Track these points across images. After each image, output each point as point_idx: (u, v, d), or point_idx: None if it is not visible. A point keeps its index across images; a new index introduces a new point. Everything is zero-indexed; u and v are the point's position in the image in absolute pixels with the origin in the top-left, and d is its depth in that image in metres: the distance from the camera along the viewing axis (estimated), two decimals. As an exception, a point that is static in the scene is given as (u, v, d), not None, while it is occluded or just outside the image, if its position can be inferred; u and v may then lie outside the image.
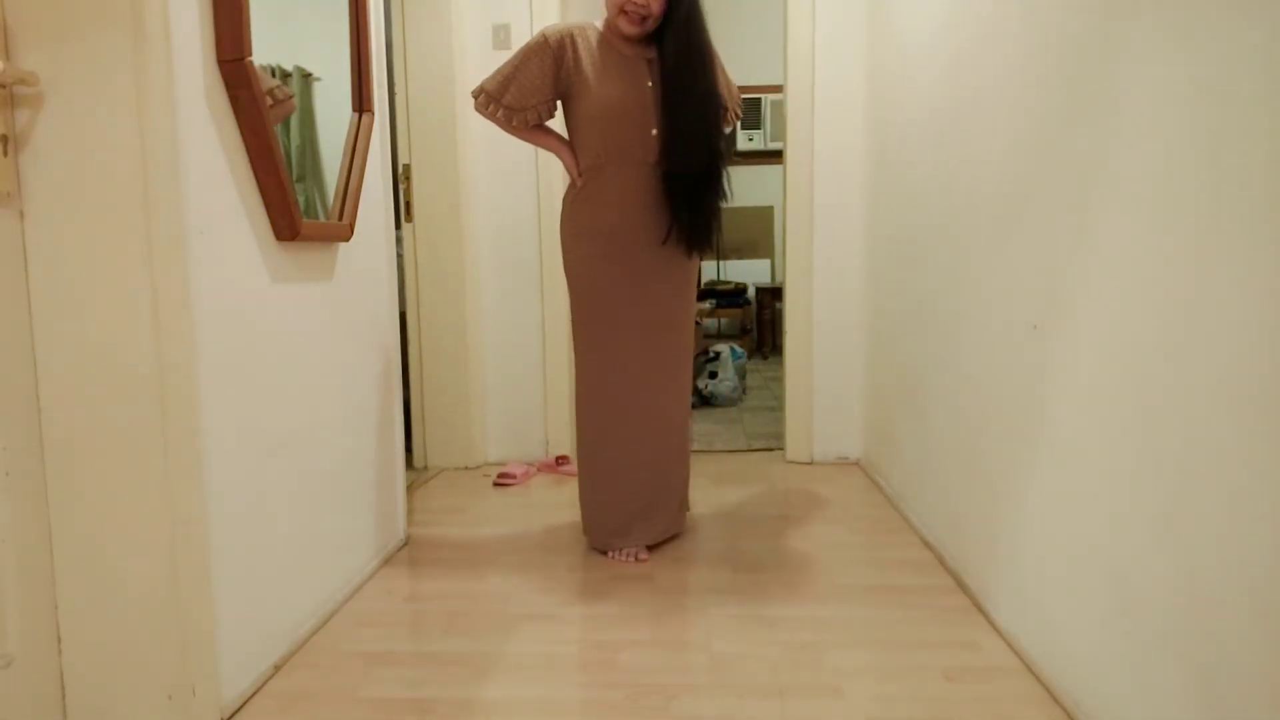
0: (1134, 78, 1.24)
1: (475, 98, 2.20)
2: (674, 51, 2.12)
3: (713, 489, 2.89)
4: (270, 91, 1.84)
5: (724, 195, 2.22)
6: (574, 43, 2.16)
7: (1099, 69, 1.35)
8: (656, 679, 1.62)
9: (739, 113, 2.41)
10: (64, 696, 1.40)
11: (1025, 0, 1.64)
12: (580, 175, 2.22)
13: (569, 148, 2.25)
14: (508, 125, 2.21)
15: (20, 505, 1.32)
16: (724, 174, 2.20)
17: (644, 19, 2.10)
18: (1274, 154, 0.96)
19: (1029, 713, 1.48)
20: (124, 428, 1.36)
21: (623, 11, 2.10)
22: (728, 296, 5.95)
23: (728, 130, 2.29)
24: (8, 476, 1.30)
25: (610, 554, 2.27)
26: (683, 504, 2.42)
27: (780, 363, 3.43)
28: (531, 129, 2.23)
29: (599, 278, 2.21)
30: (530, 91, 2.16)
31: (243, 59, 1.50)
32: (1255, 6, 0.99)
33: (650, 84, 2.16)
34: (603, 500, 2.28)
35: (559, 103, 2.24)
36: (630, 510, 2.26)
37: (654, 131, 2.15)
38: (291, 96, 1.93)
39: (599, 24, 2.22)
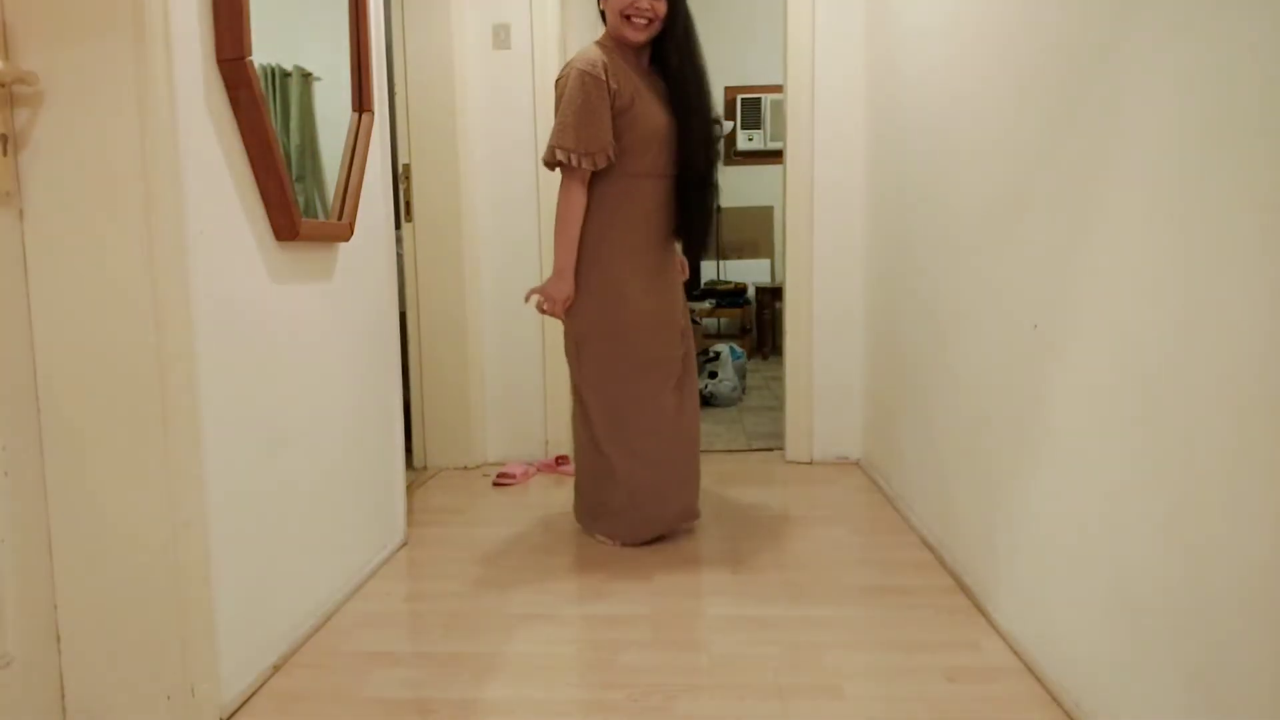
0: (1134, 75, 1.24)
1: (553, 166, 2.13)
2: (679, 63, 2.19)
3: (713, 489, 2.89)
4: None
5: (718, 196, 2.33)
6: (608, 71, 2.11)
7: (1099, 66, 1.35)
8: (656, 679, 1.62)
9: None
10: (64, 696, 1.40)
11: None
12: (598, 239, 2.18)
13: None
14: (591, 170, 2.12)
15: (20, 505, 1.33)
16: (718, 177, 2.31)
17: (650, 22, 2.15)
18: (1275, 151, 0.96)
19: (1029, 713, 1.48)
20: (124, 427, 1.35)
21: (627, 18, 2.15)
22: (728, 296, 5.94)
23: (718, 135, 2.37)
24: (7, 476, 1.30)
25: (598, 537, 2.39)
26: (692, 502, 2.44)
27: (780, 363, 3.43)
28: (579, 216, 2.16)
29: (632, 292, 2.22)
30: (601, 130, 2.10)
31: (243, 58, 1.50)
32: (1256, 2, 0.99)
33: (664, 101, 2.24)
34: (630, 502, 2.30)
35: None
36: (652, 510, 2.32)
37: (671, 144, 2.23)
38: None
39: (596, 45, 2.19)
